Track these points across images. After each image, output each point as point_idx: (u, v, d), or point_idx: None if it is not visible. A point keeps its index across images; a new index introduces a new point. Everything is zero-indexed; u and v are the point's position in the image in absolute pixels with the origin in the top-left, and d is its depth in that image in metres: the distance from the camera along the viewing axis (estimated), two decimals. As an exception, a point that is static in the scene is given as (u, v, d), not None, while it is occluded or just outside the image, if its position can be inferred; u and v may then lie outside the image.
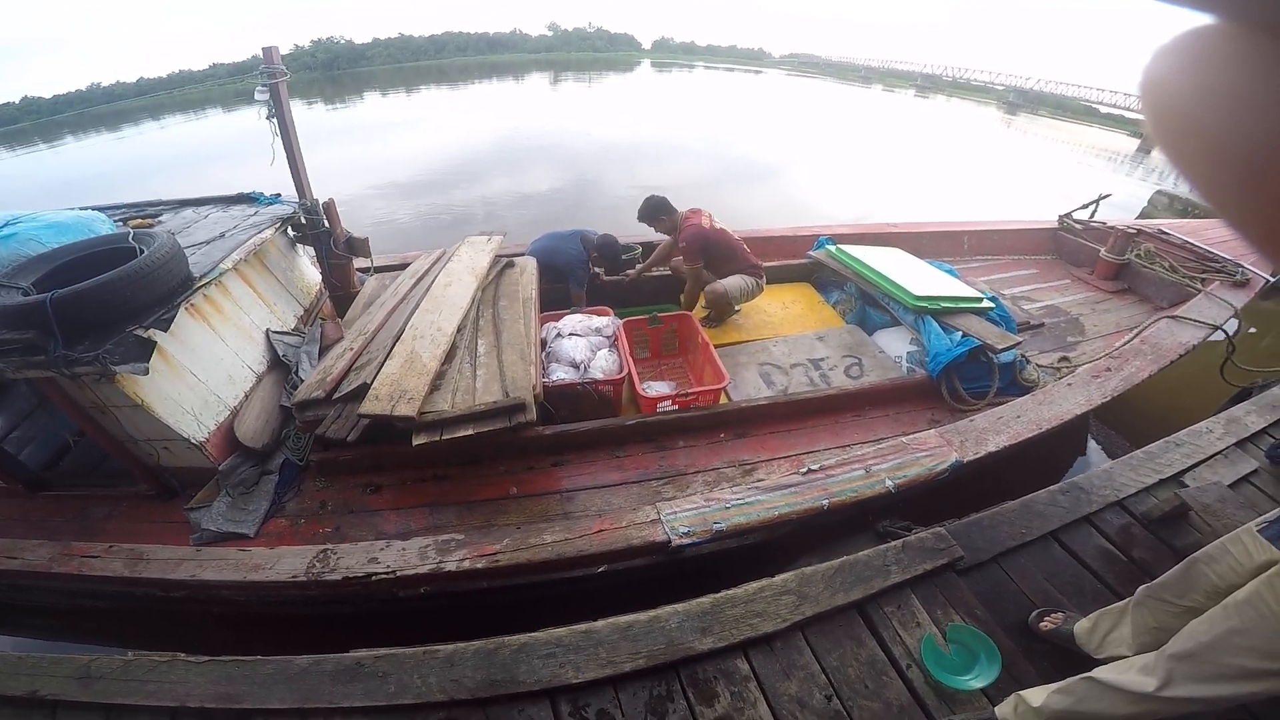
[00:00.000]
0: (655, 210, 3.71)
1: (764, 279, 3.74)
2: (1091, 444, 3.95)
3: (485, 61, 54.15)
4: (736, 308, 3.80)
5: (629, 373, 2.85)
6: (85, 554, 2.37)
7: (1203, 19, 0.17)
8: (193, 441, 2.52)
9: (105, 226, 2.98)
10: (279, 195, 3.44)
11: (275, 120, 3.03)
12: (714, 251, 3.65)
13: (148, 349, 2.27)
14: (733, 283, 3.59)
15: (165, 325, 2.35)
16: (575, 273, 3.74)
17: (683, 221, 3.68)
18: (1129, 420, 4.03)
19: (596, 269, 4.04)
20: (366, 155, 14.57)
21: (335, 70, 49.33)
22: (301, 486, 2.69)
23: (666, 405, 2.86)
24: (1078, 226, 4.78)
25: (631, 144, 15.13)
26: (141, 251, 2.45)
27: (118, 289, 2.24)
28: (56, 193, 12.72)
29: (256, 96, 2.98)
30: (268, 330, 3.04)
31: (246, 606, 2.52)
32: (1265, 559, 1.39)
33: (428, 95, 29.80)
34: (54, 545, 2.44)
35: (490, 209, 9.80)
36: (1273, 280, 3.93)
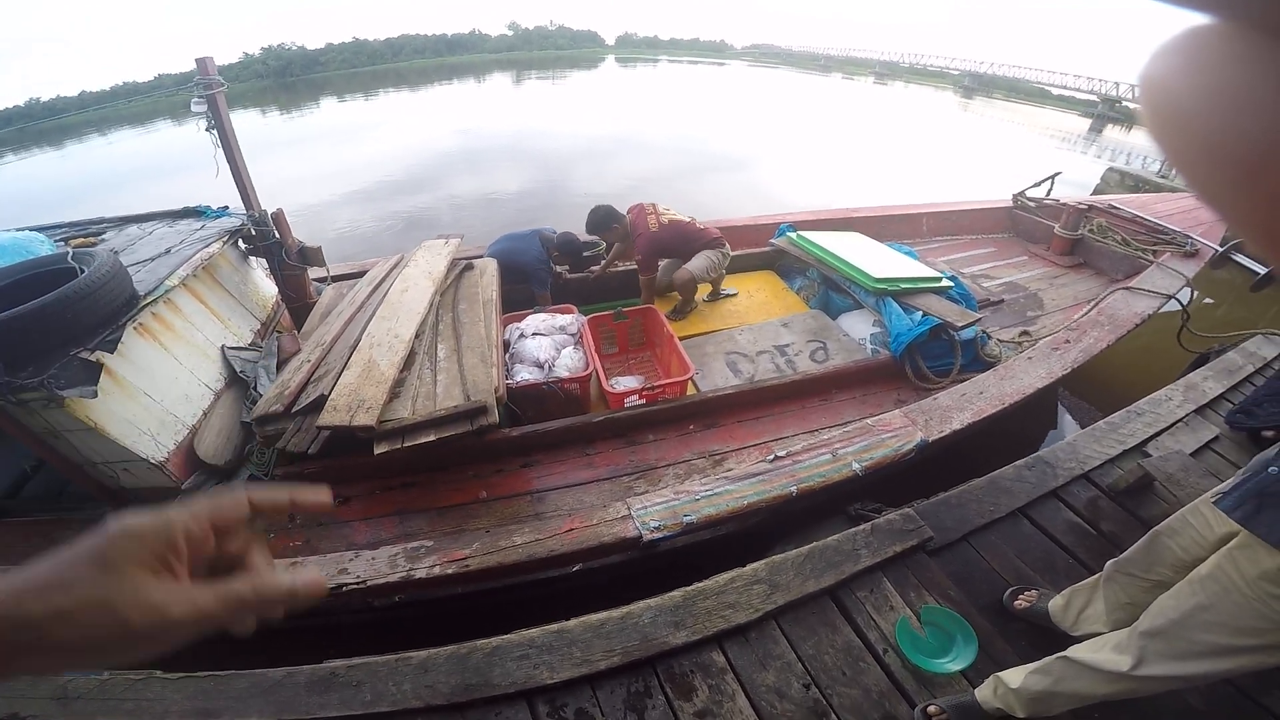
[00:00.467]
0: (604, 221, 3.74)
1: (727, 247, 3.76)
2: (1066, 418, 4.05)
3: (444, 63, 53.37)
4: (720, 295, 3.88)
5: (594, 369, 2.84)
6: None
7: (1202, 19, 0.17)
8: (152, 462, 2.44)
9: (44, 247, 2.87)
10: (226, 208, 3.35)
11: (215, 131, 2.95)
12: (671, 248, 3.66)
13: (94, 372, 2.20)
14: (697, 264, 3.59)
15: (111, 347, 2.28)
16: (538, 274, 3.71)
17: (632, 229, 3.69)
18: (1097, 392, 4.14)
19: (559, 268, 4.02)
20: (327, 163, 14.26)
21: (288, 77, 48.11)
22: (267, 502, 2.62)
23: (634, 400, 2.85)
24: (1032, 205, 4.90)
25: (598, 141, 15.10)
26: (81, 272, 2.37)
27: (58, 311, 2.16)
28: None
29: (194, 108, 2.89)
30: (223, 346, 2.96)
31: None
32: (1225, 530, 1.36)
33: (386, 99, 29.28)
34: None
35: (457, 212, 9.69)
36: (1221, 250, 4.09)
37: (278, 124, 23.36)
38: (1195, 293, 3.81)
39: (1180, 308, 3.55)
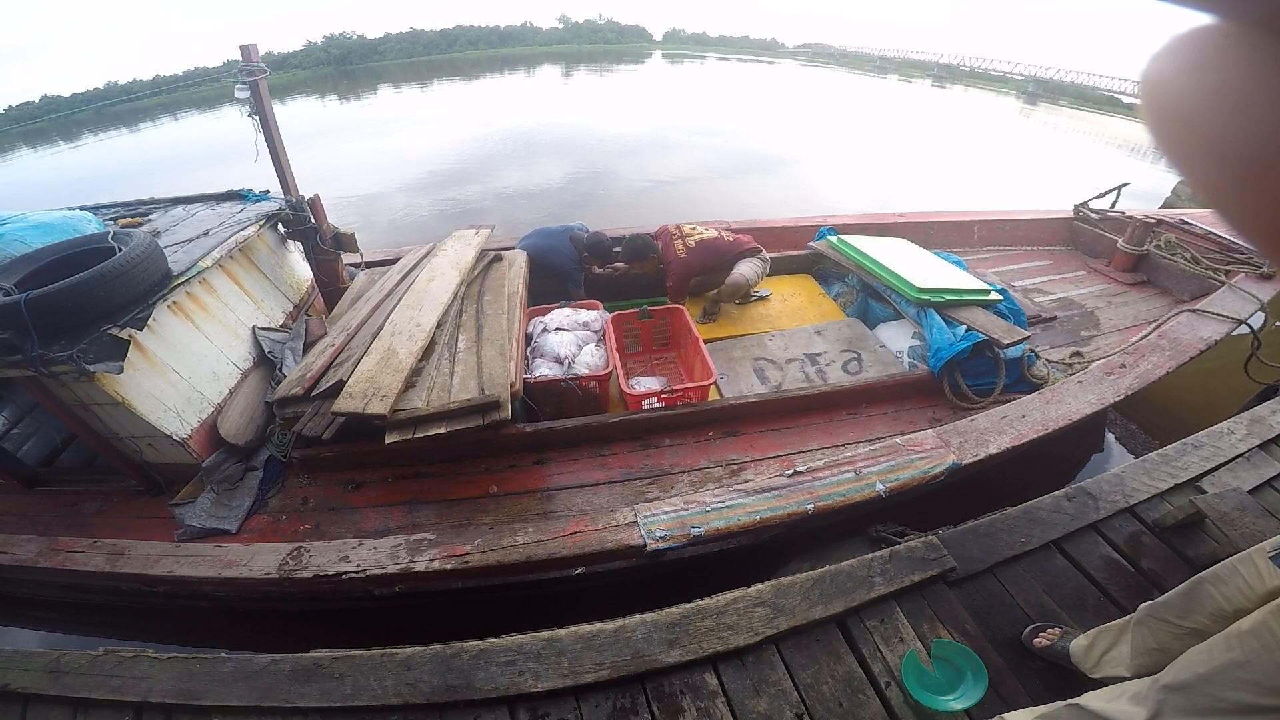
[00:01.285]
0: (640, 252, 3.73)
1: (764, 253, 3.66)
2: (1112, 441, 3.80)
3: (497, 55, 54.19)
4: (751, 297, 3.81)
5: (615, 368, 2.77)
6: (71, 549, 2.40)
7: (1203, 18, 0.17)
8: (175, 438, 2.50)
9: (92, 226, 2.98)
10: (267, 192, 3.42)
11: (257, 118, 3.00)
12: (702, 269, 3.61)
13: (123, 348, 2.26)
14: (746, 270, 3.50)
15: (140, 324, 2.34)
16: (571, 274, 3.70)
17: (663, 258, 3.68)
18: (1149, 416, 3.87)
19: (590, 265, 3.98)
20: (383, 150, 14.68)
21: (349, 65, 49.71)
22: (285, 483, 2.67)
23: (653, 402, 2.78)
24: (1094, 216, 4.60)
25: (643, 136, 15.04)
26: (119, 251, 2.44)
27: (92, 289, 2.24)
28: (75, 189, 12.95)
29: (237, 94, 2.94)
30: (254, 327, 3.02)
31: (229, 602, 2.52)
32: (1276, 585, 1.27)
33: (440, 89, 29.88)
34: (42, 540, 2.47)
35: (502, 203, 9.80)
36: None
37: (336, 111, 24.12)
38: (1269, 318, 3.51)
39: (1251, 333, 3.27)
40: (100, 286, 2.23)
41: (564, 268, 3.69)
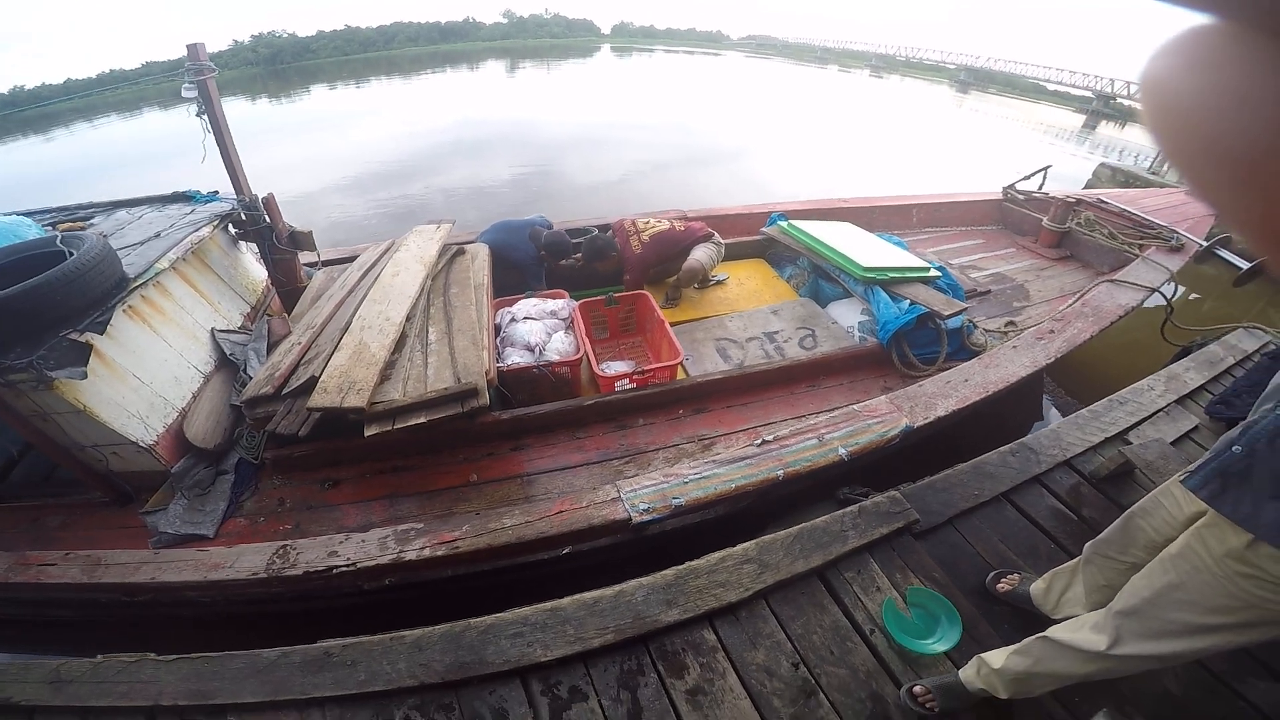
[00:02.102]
0: (601, 251, 3.80)
1: (717, 237, 3.83)
2: (1052, 410, 4.10)
3: (438, 51, 52.82)
4: (710, 281, 3.94)
5: (585, 353, 2.85)
6: (42, 563, 2.30)
7: (1202, 18, 0.16)
8: (141, 445, 2.45)
9: (32, 231, 2.86)
10: (216, 193, 3.33)
11: (206, 117, 2.93)
12: (657, 262, 3.75)
13: (84, 353, 2.21)
14: (701, 255, 3.65)
15: (100, 328, 2.28)
16: (531, 269, 3.74)
17: (620, 254, 3.80)
18: (1083, 385, 4.20)
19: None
20: (318, 150, 14.15)
21: (279, 65, 47.53)
22: (259, 485, 2.64)
23: (624, 384, 2.87)
24: (1020, 197, 4.93)
25: (591, 130, 15.05)
26: (70, 254, 2.37)
27: (47, 293, 2.17)
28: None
29: (184, 94, 2.87)
30: (213, 329, 2.96)
31: (216, 607, 2.47)
32: (1194, 509, 1.37)
33: (379, 87, 28.94)
34: (8, 555, 2.35)
35: (449, 201, 9.65)
36: (1205, 245, 4.13)
37: (268, 111, 23.05)
38: (1179, 287, 3.85)
39: (1164, 301, 3.60)
40: (56, 290, 2.16)
41: (523, 264, 3.73)
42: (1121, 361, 4.20)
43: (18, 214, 3.11)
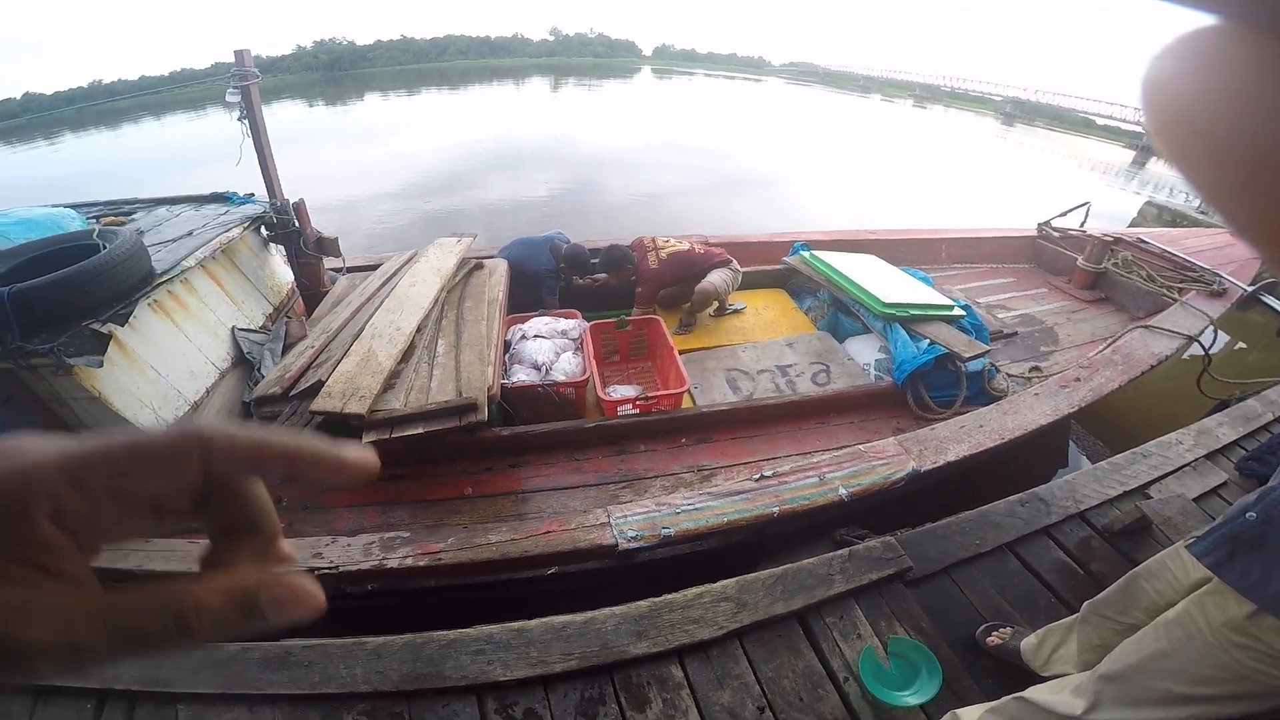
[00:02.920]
0: (618, 262, 3.80)
1: (735, 264, 3.79)
2: (1080, 457, 3.93)
3: (486, 65, 54.43)
4: (727, 310, 3.89)
5: (591, 375, 2.85)
6: None
7: (1205, 19, 0.16)
8: (150, 435, 2.52)
9: (75, 224, 3.01)
10: (252, 195, 3.46)
11: (246, 121, 3.05)
12: (672, 280, 3.73)
13: (103, 343, 2.29)
14: (715, 279, 3.63)
15: (123, 320, 2.37)
16: (546, 282, 3.78)
17: (636, 268, 3.78)
18: (1115, 434, 3.99)
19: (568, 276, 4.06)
20: (368, 158, 14.66)
21: (337, 71, 49.65)
22: (260, 483, 2.69)
23: (628, 409, 2.85)
24: (1056, 235, 4.79)
25: (629, 151, 15.21)
26: (103, 248, 2.48)
27: (76, 284, 2.27)
28: (53, 187, 12.75)
29: (228, 98, 3.00)
30: (234, 327, 3.05)
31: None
32: (1200, 575, 1.31)
33: (429, 98, 29.95)
34: None
35: (487, 214, 9.84)
36: (1250, 290, 3.92)
37: (323, 117, 24.05)
38: (1220, 334, 3.65)
39: (1202, 349, 3.42)
40: (85, 282, 2.27)
41: (539, 275, 3.77)
42: (1160, 410, 3.98)
43: (65, 205, 3.27)
